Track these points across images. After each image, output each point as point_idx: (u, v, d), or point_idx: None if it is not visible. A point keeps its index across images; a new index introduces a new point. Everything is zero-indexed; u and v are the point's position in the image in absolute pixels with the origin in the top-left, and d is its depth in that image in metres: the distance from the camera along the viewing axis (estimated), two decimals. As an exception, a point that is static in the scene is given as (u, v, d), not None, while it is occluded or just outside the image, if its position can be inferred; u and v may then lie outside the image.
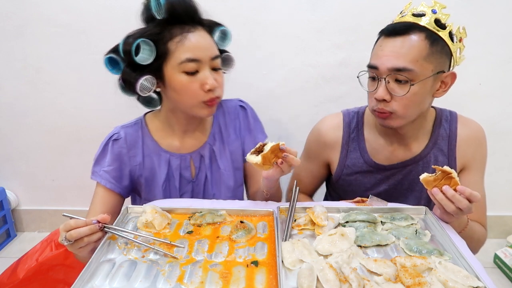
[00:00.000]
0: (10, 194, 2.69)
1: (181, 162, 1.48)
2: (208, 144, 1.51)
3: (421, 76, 1.24)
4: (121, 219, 1.19)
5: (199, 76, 1.29)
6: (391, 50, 1.25)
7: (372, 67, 1.31)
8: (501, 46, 2.15)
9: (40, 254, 1.57)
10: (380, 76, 1.29)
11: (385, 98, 1.28)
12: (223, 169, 1.51)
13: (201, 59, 1.27)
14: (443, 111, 1.50)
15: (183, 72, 1.27)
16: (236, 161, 1.55)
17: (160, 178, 1.47)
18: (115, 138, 1.44)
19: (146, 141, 1.47)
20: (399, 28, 1.26)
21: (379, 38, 1.33)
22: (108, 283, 0.93)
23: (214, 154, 1.51)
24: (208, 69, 1.30)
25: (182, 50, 1.25)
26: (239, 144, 1.55)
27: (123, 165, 1.45)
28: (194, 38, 1.27)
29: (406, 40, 1.24)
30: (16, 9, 2.14)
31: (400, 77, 1.25)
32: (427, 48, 1.23)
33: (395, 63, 1.24)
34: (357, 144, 1.53)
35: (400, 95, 1.26)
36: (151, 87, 1.30)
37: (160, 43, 1.26)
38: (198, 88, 1.29)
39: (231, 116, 1.56)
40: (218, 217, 1.19)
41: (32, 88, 2.34)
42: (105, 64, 1.31)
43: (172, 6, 1.25)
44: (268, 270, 0.97)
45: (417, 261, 0.96)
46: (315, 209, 1.18)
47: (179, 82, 1.28)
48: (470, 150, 1.46)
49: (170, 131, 1.48)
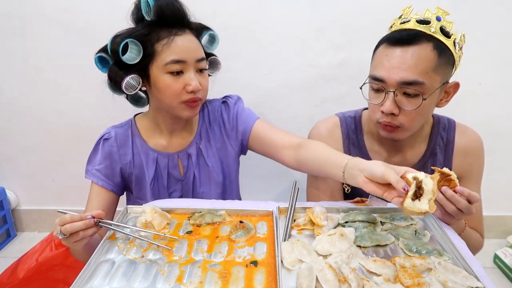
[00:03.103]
0: (10, 194, 2.69)
1: (169, 161, 1.50)
2: (194, 142, 1.53)
3: (430, 89, 1.20)
4: (121, 219, 1.19)
5: (183, 77, 1.31)
6: (399, 62, 1.18)
7: (377, 80, 1.24)
8: (501, 46, 2.14)
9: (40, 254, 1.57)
10: (387, 89, 1.23)
11: (394, 112, 1.23)
12: (211, 166, 1.53)
13: (186, 60, 1.30)
14: (441, 119, 1.47)
15: (168, 72, 1.29)
16: (225, 156, 1.57)
17: (149, 177, 1.49)
18: (105, 137, 1.48)
19: (135, 140, 1.50)
20: (406, 36, 1.20)
21: (380, 46, 1.28)
22: (107, 283, 0.93)
23: (201, 152, 1.53)
24: (193, 71, 1.32)
25: (168, 53, 1.28)
26: (225, 139, 1.56)
27: (114, 163, 1.48)
28: (180, 41, 1.29)
29: (415, 50, 1.18)
30: (16, 9, 2.14)
31: (409, 90, 1.19)
32: (436, 59, 1.18)
33: (404, 76, 1.18)
34: (359, 150, 1.49)
35: (410, 109, 1.21)
36: (136, 85, 1.32)
37: (147, 44, 1.29)
38: (180, 89, 1.31)
39: (215, 114, 1.57)
40: (217, 217, 1.19)
41: (32, 88, 2.34)
42: (95, 63, 1.35)
43: (161, 9, 1.27)
44: (268, 270, 0.97)
45: (417, 261, 0.96)
46: (315, 209, 1.18)
47: (163, 82, 1.30)
48: (467, 160, 1.44)
49: (157, 130, 1.50)
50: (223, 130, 1.56)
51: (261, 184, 2.52)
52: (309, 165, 1.34)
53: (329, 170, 1.22)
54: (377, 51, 1.29)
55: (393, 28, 1.31)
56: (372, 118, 1.35)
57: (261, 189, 2.55)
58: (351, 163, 1.13)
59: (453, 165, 1.44)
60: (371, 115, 1.36)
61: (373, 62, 1.30)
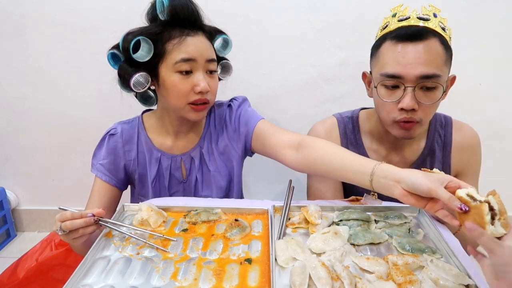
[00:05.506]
0: (10, 194, 2.70)
1: (172, 162, 1.50)
2: (198, 146, 1.52)
3: (444, 82, 1.22)
4: (117, 217, 1.20)
5: (192, 77, 1.31)
6: (415, 57, 1.19)
7: (392, 76, 1.23)
8: (501, 46, 2.14)
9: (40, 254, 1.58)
10: (406, 85, 1.22)
11: (414, 107, 1.22)
12: (213, 170, 1.52)
13: (196, 59, 1.29)
14: (437, 116, 1.48)
15: (177, 72, 1.29)
16: (229, 160, 1.55)
17: (151, 176, 1.50)
18: (111, 133, 1.49)
19: (141, 137, 1.50)
20: (416, 32, 1.20)
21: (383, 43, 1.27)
22: (103, 280, 0.94)
23: (203, 156, 1.52)
24: (202, 72, 1.32)
25: (178, 52, 1.27)
26: (229, 143, 1.53)
27: (118, 158, 1.49)
28: (192, 41, 1.29)
29: (426, 45, 1.19)
30: (16, 9, 2.15)
31: (428, 84, 1.20)
32: (444, 53, 1.21)
33: (424, 70, 1.18)
34: (357, 149, 1.49)
35: (429, 103, 1.21)
36: (145, 83, 1.32)
37: (158, 42, 1.28)
38: (189, 89, 1.30)
39: (221, 117, 1.56)
40: (213, 215, 1.20)
41: (32, 88, 2.35)
42: (108, 59, 1.34)
43: (174, 9, 1.27)
44: (261, 268, 0.97)
45: (409, 259, 0.96)
46: (310, 207, 1.18)
47: (172, 82, 1.30)
48: (465, 156, 1.45)
49: (163, 130, 1.50)
50: (226, 134, 1.54)
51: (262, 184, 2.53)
52: (317, 167, 1.23)
53: (349, 176, 1.12)
54: (382, 49, 1.28)
55: (390, 26, 1.30)
56: (386, 119, 1.31)
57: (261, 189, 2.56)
58: (379, 170, 1.02)
59: (452, 162, 1.44)
60: (386, 115, 1.31)
61: (380, 60, 1.28)
